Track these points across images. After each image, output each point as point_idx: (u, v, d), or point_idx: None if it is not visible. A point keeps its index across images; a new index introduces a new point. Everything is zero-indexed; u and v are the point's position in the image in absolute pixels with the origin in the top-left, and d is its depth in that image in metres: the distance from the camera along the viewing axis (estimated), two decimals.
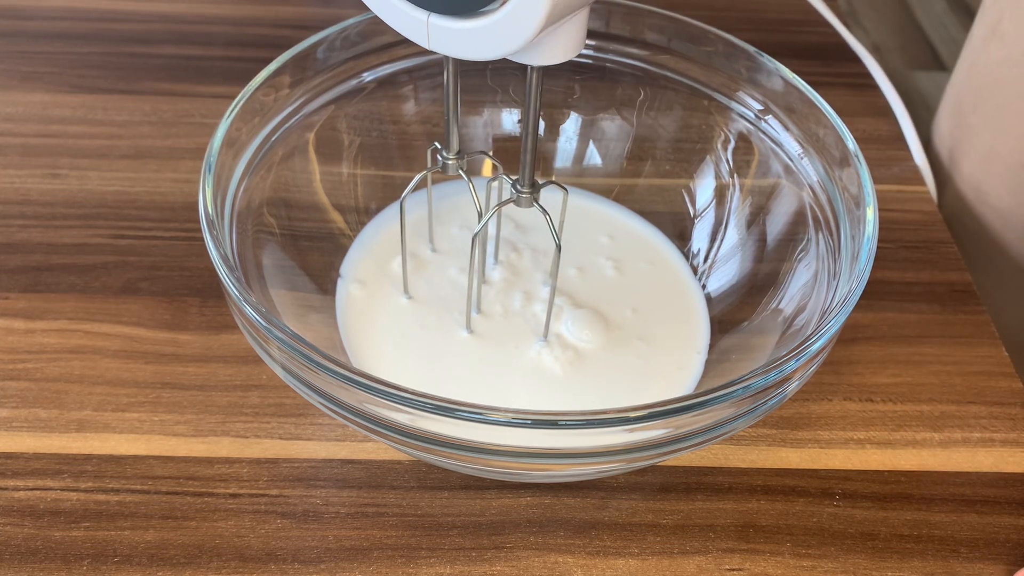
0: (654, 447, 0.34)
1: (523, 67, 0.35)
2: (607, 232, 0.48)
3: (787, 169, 0.44)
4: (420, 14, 0.33)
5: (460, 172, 0.42)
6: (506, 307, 0.44)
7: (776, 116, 0.44)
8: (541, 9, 0.30)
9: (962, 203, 0.56)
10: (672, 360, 0.43)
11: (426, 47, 0.34)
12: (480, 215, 0.42)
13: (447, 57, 0.38)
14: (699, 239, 0.47)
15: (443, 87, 0.40)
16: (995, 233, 0.55)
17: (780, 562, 0.38)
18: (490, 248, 0.46)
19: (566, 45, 0.33)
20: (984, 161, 0.54)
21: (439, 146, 0.41)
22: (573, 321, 0.43)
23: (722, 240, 0.46)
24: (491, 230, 0.46)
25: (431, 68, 0.47)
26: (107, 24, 0.61)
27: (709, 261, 0.46)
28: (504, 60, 0.33)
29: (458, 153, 0.42)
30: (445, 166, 0.42)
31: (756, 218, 0.45)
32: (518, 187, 0.39)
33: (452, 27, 0.32)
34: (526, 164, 0.38)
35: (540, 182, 0.39)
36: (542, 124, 0.50)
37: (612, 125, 0.50)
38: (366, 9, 0.44)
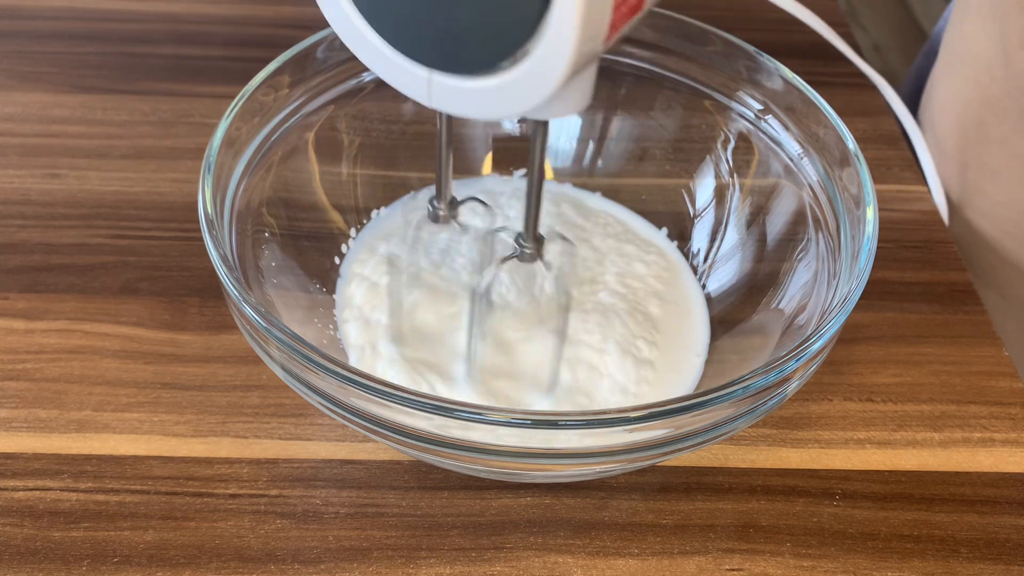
0: (654, 447, 0.34)
1: None
2: (607, 231, 0.48)
3: (787, 169, 0.44)
4: (421, 71, 0.30)
5: (454, 222, 0.40)
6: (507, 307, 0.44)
7: (776, 116, 0.44)
8: (560, 69, 0.27)
9: (956, 206, 0.56)
10: (672, 360, 0.43)
11: (427, 105, 0.31)
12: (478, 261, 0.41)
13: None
14: (699, 239, 0.47)
15: (436, 138, 0.37)
16: (991, 237, 0.55)
17: (780, 562, 0.38)
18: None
19: (577, 98, 0.30)
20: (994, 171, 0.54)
21: (430, 197, 0.40)
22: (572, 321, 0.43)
23: (722, 240, 0.46)
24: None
25: None
26: (107, 24, 0.61)
27: (709, 261, 0.46)
28: None
29: (451, 202, 0.40)
30: (436, 216, 0.41)
31: (756, 218, 0.45)
32: (521, 241, 0.37)
33: (457, 85, 0.29)
34: (530, 218, 0.36)
35: (544, 236, 0.37)
36: None
37: (612, 125, 0.50)
38: None
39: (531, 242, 0.37)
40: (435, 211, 0.40)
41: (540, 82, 0.27)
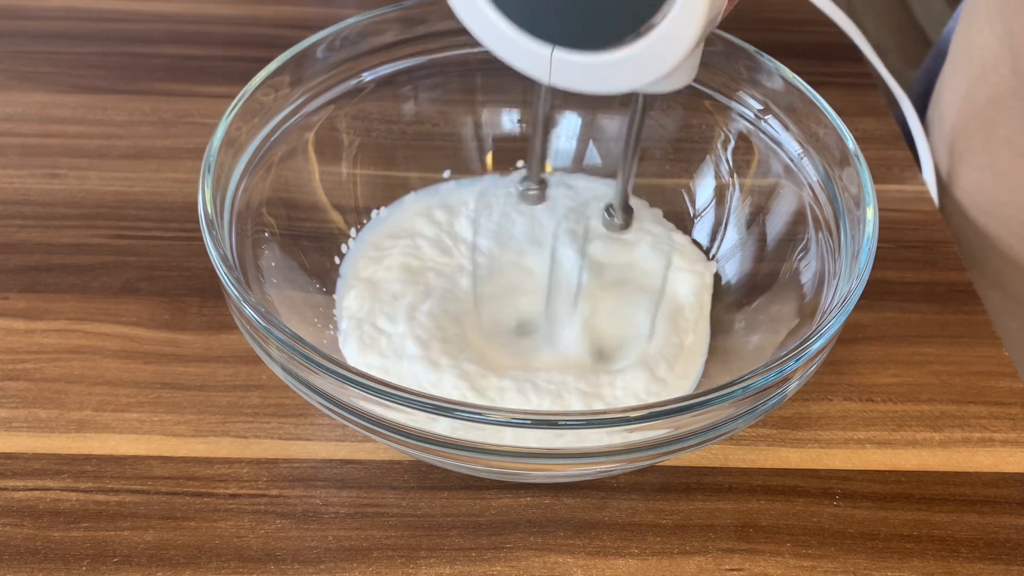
0: (654, 447, 0.34)
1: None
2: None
3: (787, 169, 0.44)
4: (543, 48, 0.30)
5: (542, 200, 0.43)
6: (504, 308, 0.44)
7: (776, 116, 0.44)
8: (686, 42, 0.28)
9: (962, 206, 0.56)
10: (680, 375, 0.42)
11: (546, 83, 0.31)
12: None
13: (541, 85, 0.35)
14: (699, 239, 0.47)
15: (533, 114, 0.38)
16: (996, 236, 0.55)
17: (780, 562, 0.38)
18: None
19: (687, 71, 0.31)
20: (986, 167, 0.54)
21: (521, 178, 0.41)
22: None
23: (722, 240, 0.46)
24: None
25: (431, 68, 0.47)
26: (107, 24, 0.61)
27: (709, 261, 0.46)
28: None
29: (540, 182, 0.41)
30: (527, 196, 0.42)
31: (756, 218, 0.45)
32: (611, 212, 0.39)
33: (579, 61, 0.30)
34: (622, 188, 0.37)
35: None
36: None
37: (612, 124, 0.50)
38: (366, 9, 0.45)
39: (620, 212, 0.38)
40: (524, 190, 0.42)
41: (663, 55, 0.28)
